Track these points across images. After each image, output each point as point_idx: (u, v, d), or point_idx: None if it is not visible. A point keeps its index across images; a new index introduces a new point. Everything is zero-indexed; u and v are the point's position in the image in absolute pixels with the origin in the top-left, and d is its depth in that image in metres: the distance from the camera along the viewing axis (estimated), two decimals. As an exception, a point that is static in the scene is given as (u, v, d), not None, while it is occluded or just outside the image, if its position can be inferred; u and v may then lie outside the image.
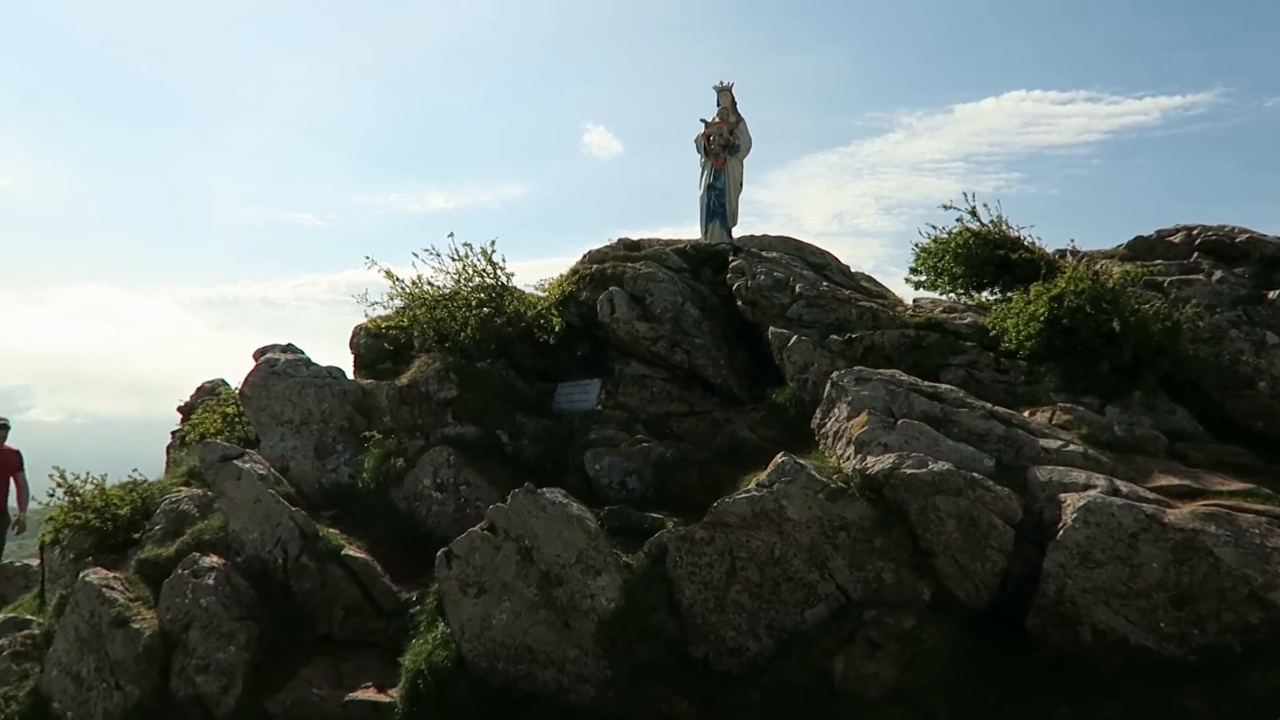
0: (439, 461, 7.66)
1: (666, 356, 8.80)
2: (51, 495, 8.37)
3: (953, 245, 9.18)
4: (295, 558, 6.72)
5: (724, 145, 11.20)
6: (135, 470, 8.99)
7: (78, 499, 8.11)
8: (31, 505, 9.25)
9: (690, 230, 11.73)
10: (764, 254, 9.89)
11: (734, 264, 9.72)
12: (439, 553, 5.96)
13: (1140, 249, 9.05)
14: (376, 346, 10.56)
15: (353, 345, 10.98)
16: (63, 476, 8.40)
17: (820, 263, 10.41)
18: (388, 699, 5.59)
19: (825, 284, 9.31)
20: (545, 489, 5.85)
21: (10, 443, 9.55)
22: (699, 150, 11.44)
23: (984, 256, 9.02)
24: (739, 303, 9.28)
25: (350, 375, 9.65)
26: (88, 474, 8.61)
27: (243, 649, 6.08)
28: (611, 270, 9.75)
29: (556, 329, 9.29)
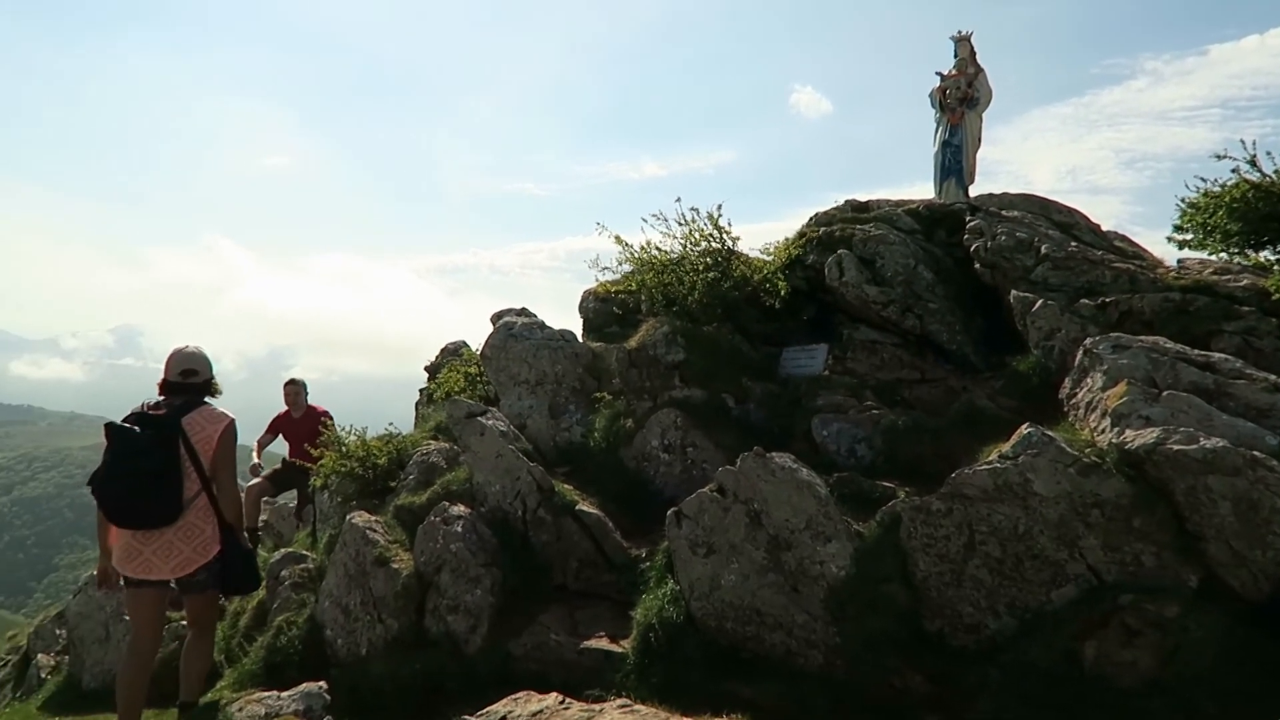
0: (666, 423, 7.81)
1: (898, 321, 8.49)
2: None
3: (1227, 199, 8.23)
4: (533, 510, 7.08)
5: (961, 99, 10.59)
6: (390, 424, 9.79)
7: (343, 449, 8.93)
8: None
9: (915, 189, 11.25)
10: (1004, 213, 9.32)
11: (971, 224, 9.22)
12: (669, 512, 6.09)
13: None
14: (604, 310, 10.88)
15: (581, 309, 11.38)
16: (331, 428, 9.30)
17: (1067, 221, 9.68)
18: (620, 649, 5.79)
19: (1074, 244, 8.65)
20: (774, 453, 5.83)
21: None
22: (933, 105, 10.89)
23: (1265, 212, 8.04)
24: (976, 265, 8.80)
25: (579, 338, 10.02)
26: (350, 426, 9.47)
27: (488, 593, 6.49)
28: (840, 233, 9.52)
29: (783, 293, 9.19)
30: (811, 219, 10.50)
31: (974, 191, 10.74)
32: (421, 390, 13.01)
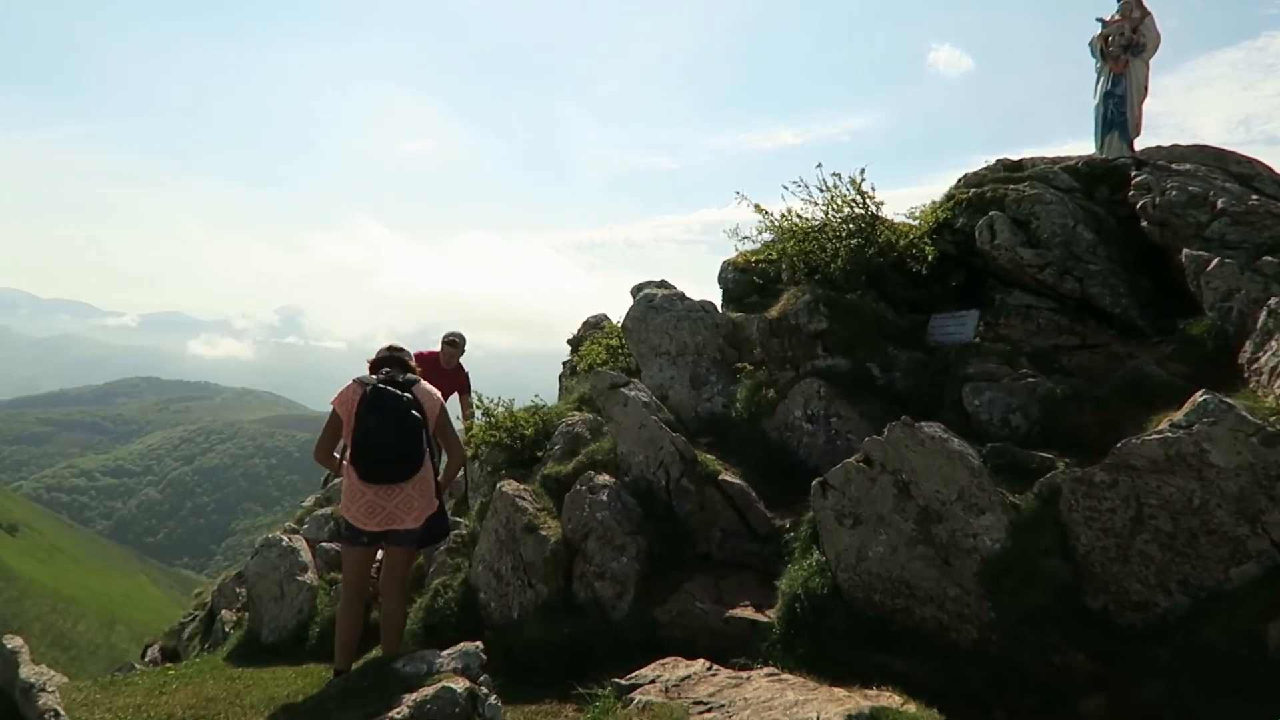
0: (809, 393, 7.70)
1: (1055, 285, 8.05)
2: (471, 416, 9.60)
3: None
4: (676, 480, 7.13)
5: (1125, 45, 9.92)
6: (536, 396, 10.03)
7: (492, 419, 9.21)
8: (454, 424, 10.39)
9: (1068, 147, 10.61)
10: (1174, 166, 8.70)
11: (1137, 179, 8.63)
12: (814, 482, 6.01)
13: None
14: (744, 280, 10.79)
15: (721, 280, 11.32)
16: (481, 400, 9.62)
17: (1247, 173, 8.96)
18: (765, 619, 5.77)
19: (1255, 198, 7.99)
20: (923, 423, 5.65)
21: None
22: (1094, 54, 10.24)
23: None
24: (1143, 223, 8.24)
25: (719, 309, 9.97)
26: (498, 398, 9.77)
27: (633, 560, 6.59)
28: (991, 194, 9.09)
29: (930, 258, 8.88)
30: (960, 180, 10.08)
31: (1138, 146, 10.07)
32: (564, 363, 13.27)
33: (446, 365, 10.14)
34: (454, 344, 10.34)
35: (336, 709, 4.42)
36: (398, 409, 5.37)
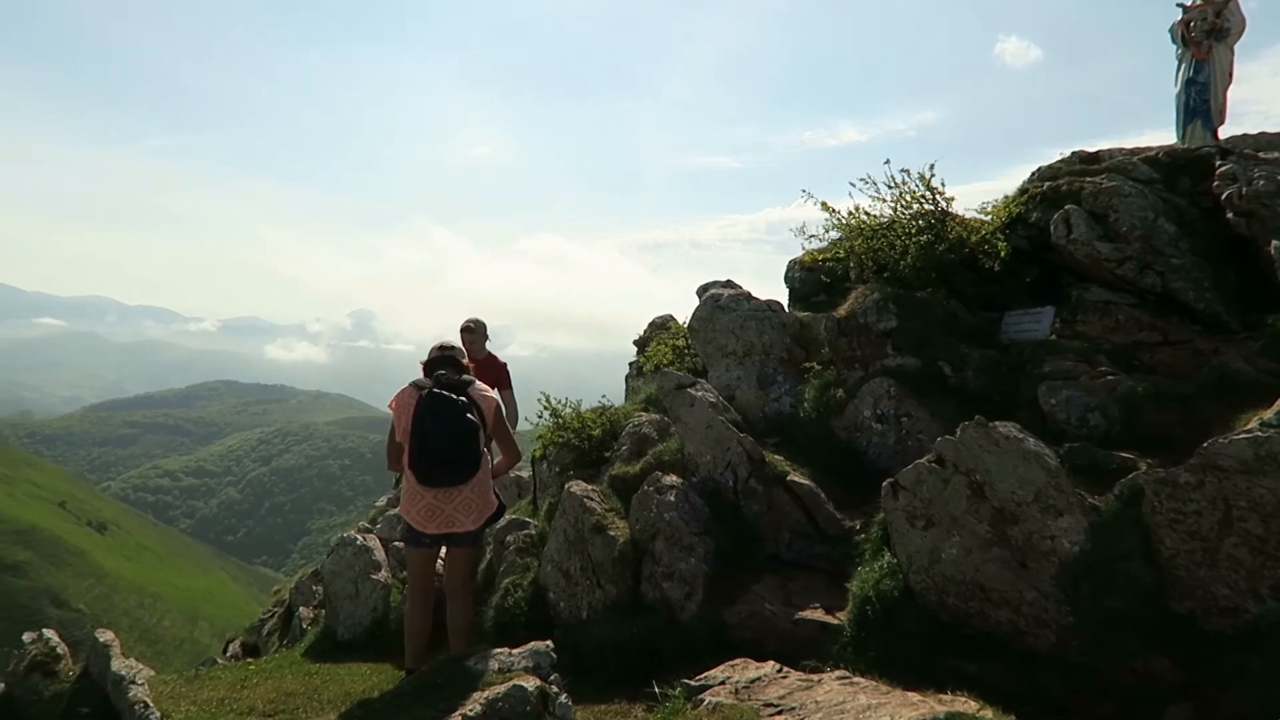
0: (879, 393, 7.60)
1: (1134, 280, 7.81)
2: (540, 416, 9.67)
3: None
4: (744, 480, 7.09)
5: (1208, 31, 9.58)
6: (604, 396, 10.08)
7: (560, 420, 9.28)
8: (522, 425, 9.88)
9: (1144, 138, 10.27)
10: (1260, 155, 8.35)
11: (1221, 169, 8.31)
12: (885, 483, 5.92)
13: None
14: (811, 279, 10.70)
15: (787, 279, 11.24)
16: (548, 400, 9.69)
17: (1339, 160, 8.56)
18: (836, 621, 5.71)
19: (1350, 186, 7.64)
20: (997, 422, 5.53)
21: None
22: (1174, 41, 9.90)
23: None
24: (1228, 214, 7.93)
25: (786, 308, 9.89)
26: (566, 399, 9.83)
27: (701, 561, 6.57)
28: (1066, 187, 8.84)
29: (1002, 254, 8.68)
30: (1034, 174, 9.84)
31: (1222, 135, 9.71)
32: (630, 363, 13.31)
33: (476, 357, 9.26)
34: (470, 330, 9.51)
35: (411, 705, 4.49)
36: (454, 413, 5.41)
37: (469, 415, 5.45)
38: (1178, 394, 6.43)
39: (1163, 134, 9.91)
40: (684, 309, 10.09)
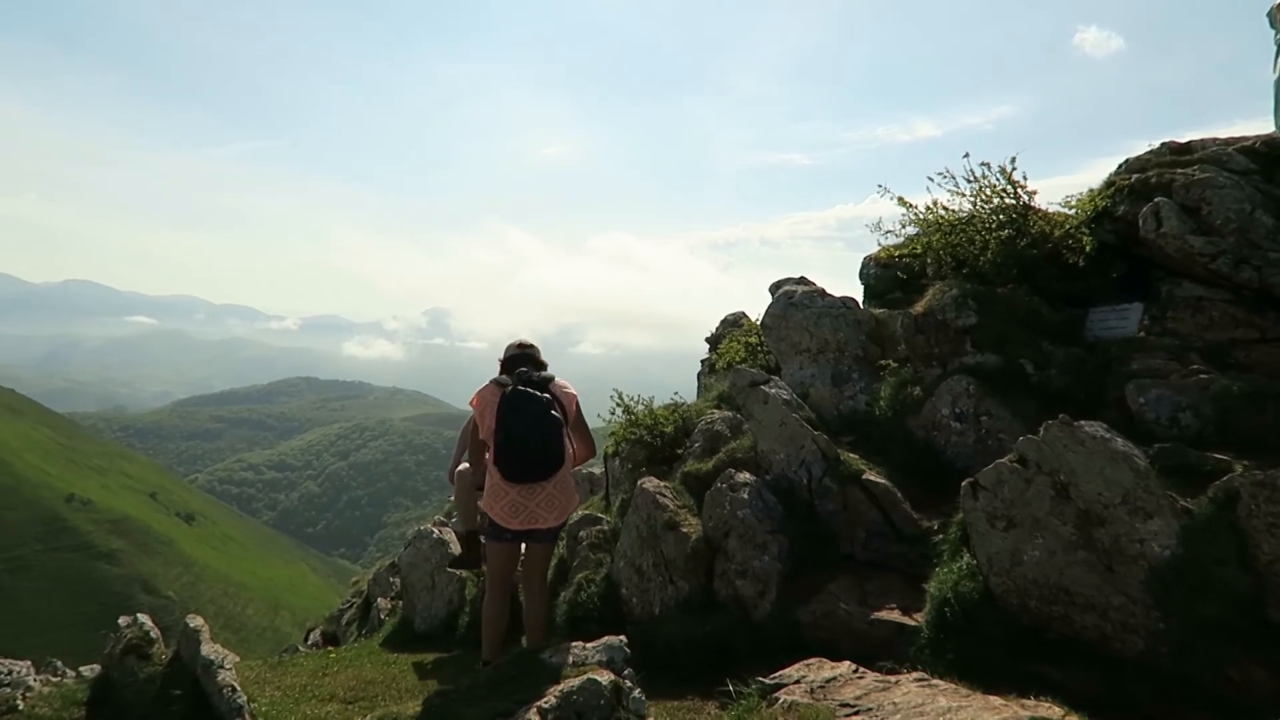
0: (958, 391, 7.44)
1: (1229, 275, 7.49)
2: (612, 414, 9.71)
3: None
4: (818, 479, 7.01)
5: (1310, 15, 9.15)
6: (675, 393, 10.08)
7: (632, 416, 9.31)
8: (595, 422, 10.38)
9: (1236, 128, 9.83)
10: (1367, 144, 7.96)
11: (1324, 159, 7.95)
12: (964, 483, 5.80)
13: None
14: (886, 276, 10.52)
15: (862, 275, 11.08)
16: (621, 398, 9.73)
17: None
18: (913, 622, 5.61)
19: None
20: (1082, 421, 5.36)
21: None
22: (1271, 24, 9.47)
23: None
24: (1331, 206, 7.58)
25: (860, 305, 9.76)
26: (638, 396, 9.86)
27: (775, 559, 6.52)
28: (1156, 179, 8.53)
29: (1087, 249, 8.40)
30: (1121, 166, 9.51)
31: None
32: (703, 361, 13.28)
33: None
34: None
35: (487, 696, 4.55)
36: (538, 409, 5.48)
37: (552, 412, 5.53)
38: (1276, 393, 6.16)
39: (1257, 123, 9.49)
40: (754, 306, 10.07)
